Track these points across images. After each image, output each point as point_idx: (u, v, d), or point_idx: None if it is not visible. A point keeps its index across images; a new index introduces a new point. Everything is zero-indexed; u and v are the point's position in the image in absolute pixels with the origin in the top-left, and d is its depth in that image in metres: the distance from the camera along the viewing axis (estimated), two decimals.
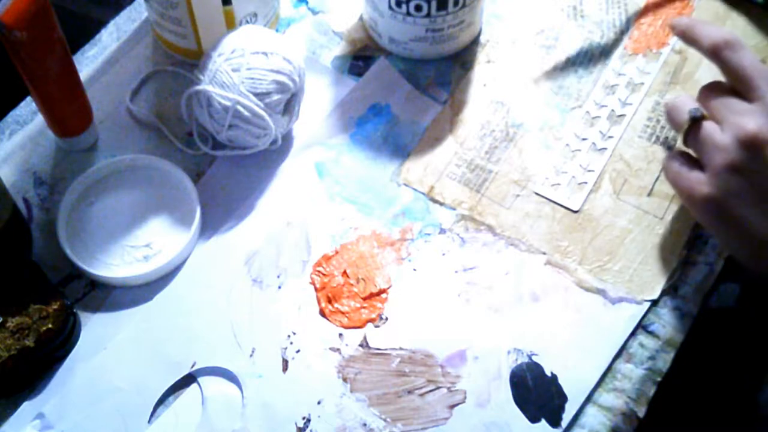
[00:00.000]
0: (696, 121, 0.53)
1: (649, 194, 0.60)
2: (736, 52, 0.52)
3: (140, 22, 0.68)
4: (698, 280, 0.57)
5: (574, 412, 0.52)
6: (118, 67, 0.66)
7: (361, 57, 0.67)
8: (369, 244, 0.58)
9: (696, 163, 0.53)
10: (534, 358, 0.54)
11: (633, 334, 0.55)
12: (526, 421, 0.52)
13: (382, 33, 0.65)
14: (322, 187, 0.61)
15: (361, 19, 0.68)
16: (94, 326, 0.55)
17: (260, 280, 0.57)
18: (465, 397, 0.53)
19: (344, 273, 0.57)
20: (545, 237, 0.58)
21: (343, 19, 0.69)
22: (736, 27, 0.68)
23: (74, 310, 0.55)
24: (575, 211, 0.59)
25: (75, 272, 0.57)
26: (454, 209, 0.60)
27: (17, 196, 0.60)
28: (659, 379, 0.54)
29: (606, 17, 0.69)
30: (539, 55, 0.67)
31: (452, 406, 0.52)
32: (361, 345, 0.54)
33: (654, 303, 0.56)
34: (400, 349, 0.54)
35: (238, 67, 0.56)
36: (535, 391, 0.53)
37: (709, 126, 0.52)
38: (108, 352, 0.54)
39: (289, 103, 0.59)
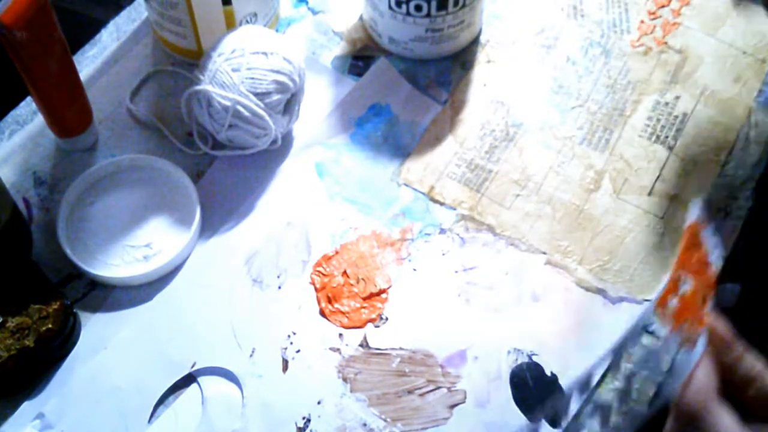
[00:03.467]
0: None
1: (650, 194, 0.60)
2: None
3: (140, 22, 0.68)
4: None
5: (574, 412, 0.52)
6: (118, 67, 0.66)
7: (361, 57, 0.67)
8: (369, 244, 0.58)
9: None
10: (534, 358, 0.54)
11: None
12: (526, 421, 0.52)
13: (382, 33, 0.65)
14: (322, 187, 0.61)
15: (361, 19, 0.68)
16: (94, 326, 0.55)
17: (260, 280, 0.57)
18: (465, 397, 0.53)
19: (344, 273, 0.57)
20: (545, 237, 0.58)
21: (343, 19, 0.69)
22: (736, 27, 0.68)
23: (74, 310, 0.55)
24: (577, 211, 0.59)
25: (75, 272, 0.57)
26: (454, 209, 0.59)
27: (17, 196, 0.59)
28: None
29: (606, 16, 0.69)
30: (539, 55, 0.67)
31: (452, 406, 0.52)
32: (361, 345, 0.54)
33: None
34: (400, 349, 0.54)
35: (238, 67, 0.56)
36: (535, 391, 0.53)
37: None
38: (108, 352, 0.54)
39: (289, 103, 0.59)
